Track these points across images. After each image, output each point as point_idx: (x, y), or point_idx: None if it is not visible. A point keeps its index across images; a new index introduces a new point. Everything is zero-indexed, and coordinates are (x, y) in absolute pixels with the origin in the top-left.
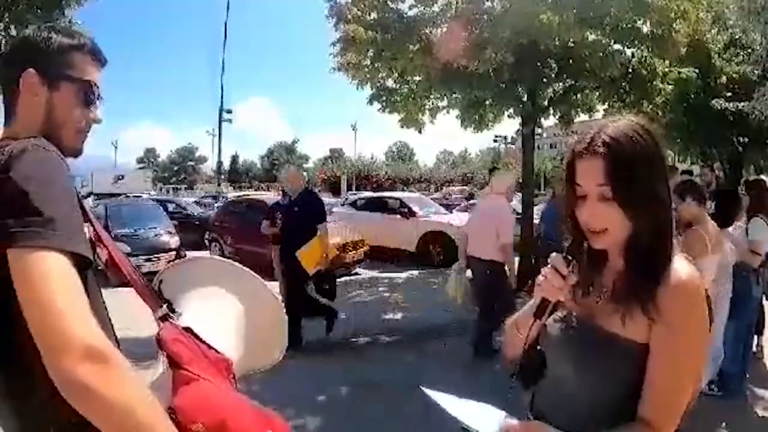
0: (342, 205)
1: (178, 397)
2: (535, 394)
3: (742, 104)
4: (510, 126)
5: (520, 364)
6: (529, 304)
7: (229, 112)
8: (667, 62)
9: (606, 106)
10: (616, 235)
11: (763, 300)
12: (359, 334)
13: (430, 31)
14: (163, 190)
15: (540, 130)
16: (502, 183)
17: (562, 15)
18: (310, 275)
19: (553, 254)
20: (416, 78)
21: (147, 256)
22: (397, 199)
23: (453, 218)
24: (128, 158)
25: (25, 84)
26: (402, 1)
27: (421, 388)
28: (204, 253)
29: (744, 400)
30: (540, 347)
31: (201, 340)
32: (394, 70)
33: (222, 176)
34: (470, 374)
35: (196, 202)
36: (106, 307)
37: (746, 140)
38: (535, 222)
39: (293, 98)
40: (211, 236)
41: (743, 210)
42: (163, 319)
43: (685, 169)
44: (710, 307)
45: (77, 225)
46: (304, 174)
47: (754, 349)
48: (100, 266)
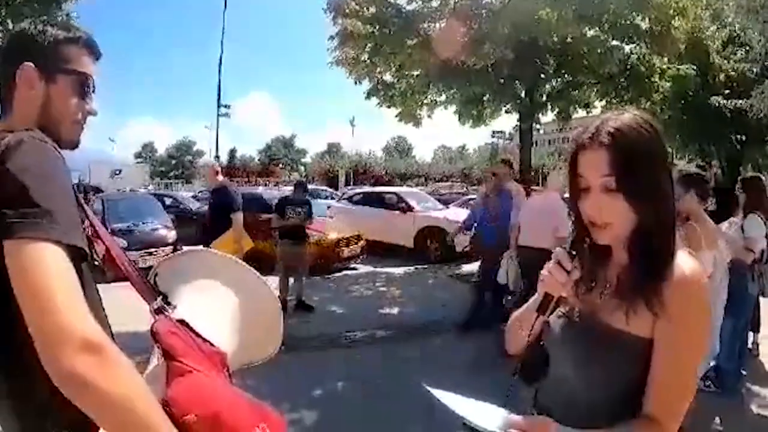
0: (339, 199)
1: (172, 388)
2: (538, 390)
3: (740, 102)
4: (508, 122)
5: (523, 360)
6: (532, 300)
7: (227, 107)
8: (665, 59)
9: (604, 103)
10: (620, 229)
11: (759, 297)
12: (356, 329)
13: (428, 27)
14: (160, 185)
15: (538, 126)
16: (556, 181)
17: (560, 11)
18: None
19: (558, 249)
20: (414, 73)
21: (144, 251)
22: (394, 194)
23: (450, 213)
24: (126, 153)
25: (23, 77)
26: None
27: (423, 386)
28: (200, 247)
29: (740, 398)
30: (543, 343)
31: (196, 332)
32: (392, 65)
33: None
34: (468, 370)
35: (193, 197)
36: (101, 301)
37: (744, 138)
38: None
39: (292, 93)
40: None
41: (740, 207)
42: (158, 311)
43: (699, 164)
44: None
45: (74, 217)
46: (218, 167)
47: (750, 346)
48: (97, 261)
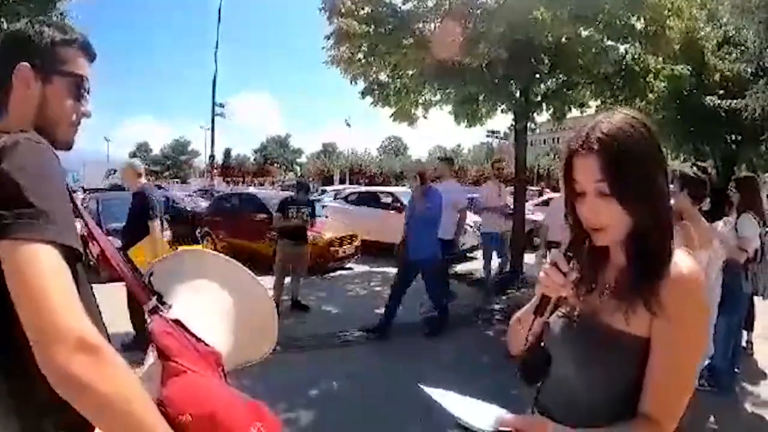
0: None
1: (167, 388)
2: (539, 390)
3: (735, 102)
4: (503, 121)
5: (524, 360)
6: (532, 302)
7: (222, 106)
8: (660, 59)
9: (599, 103)
10: (616, 231)
11: (753, 296)
12: (351, 329)
13: (423, 26)
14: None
15: (534, 126)
16: None
17: (555, 11)
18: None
19: (554, 251)
20: (409, 72)
21: None
22: (390, 193)
23: None
24: (121, 152)
25: (19, 78)
26: None
27: (418, 386)
28: (196, 247)
29: (734, 396)
30: (543, 344)
31: (191, 332)
32: (387, 65)
33: (215, 170)
34: (465, 369)
35: (188, 196)
36: (96, 301)
37: (739, 138)
38: (531, 217)
39: (288, 93)
40: (203, 230)
41: (733, 207)
42: (152, 311)
43: (702, 165)
44: None
45: (69, 218)
46: (141, 169)
47: (744, 344)
48: (92, 262)
